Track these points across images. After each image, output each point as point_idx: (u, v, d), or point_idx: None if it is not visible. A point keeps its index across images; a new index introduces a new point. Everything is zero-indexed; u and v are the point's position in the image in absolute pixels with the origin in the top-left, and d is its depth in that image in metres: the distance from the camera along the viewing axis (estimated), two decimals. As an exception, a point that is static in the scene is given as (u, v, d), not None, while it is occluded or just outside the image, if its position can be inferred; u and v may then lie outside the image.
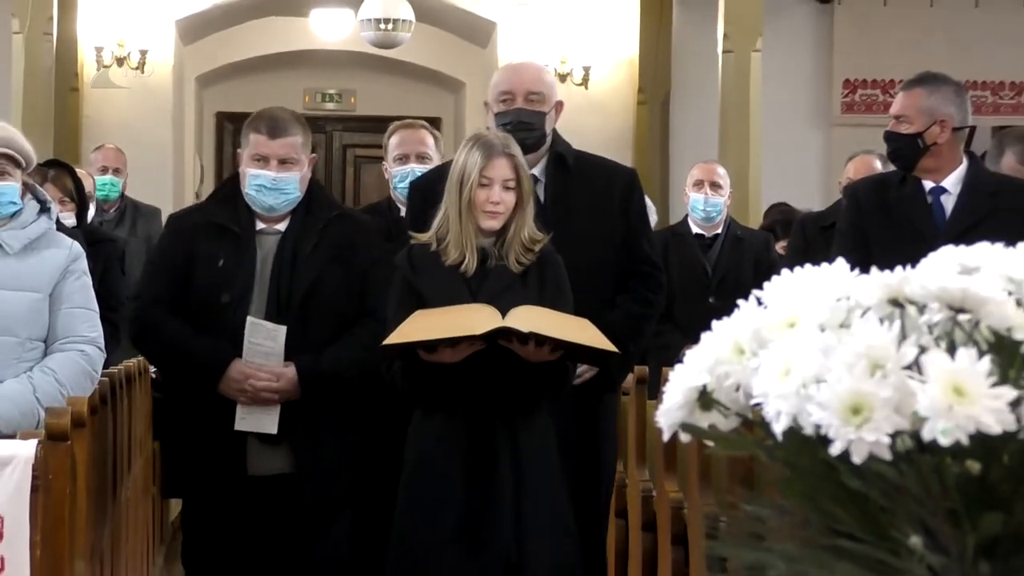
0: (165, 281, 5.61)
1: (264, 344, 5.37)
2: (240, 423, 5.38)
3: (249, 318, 5.38)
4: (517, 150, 5.55)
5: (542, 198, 6.05)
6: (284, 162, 5.47)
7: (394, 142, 7.32)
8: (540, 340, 5.09)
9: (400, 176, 7.11)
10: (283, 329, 5.39)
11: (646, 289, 6.31)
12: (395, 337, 5.01)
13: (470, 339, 5.02)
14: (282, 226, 5.53)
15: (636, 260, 6.32)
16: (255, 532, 5.52)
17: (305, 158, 5.67)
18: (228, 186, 5.72)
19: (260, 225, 5.52)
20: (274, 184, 5.41)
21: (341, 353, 5.50)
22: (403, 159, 7.19)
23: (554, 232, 5.78)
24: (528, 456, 5.27)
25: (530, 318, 5.07)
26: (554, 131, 6.30)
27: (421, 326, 4.99)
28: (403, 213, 7.00)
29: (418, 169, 7.13)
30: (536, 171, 6.00)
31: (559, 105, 6.30)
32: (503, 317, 5.09)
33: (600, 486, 6.52)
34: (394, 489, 6.12)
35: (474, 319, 5.02)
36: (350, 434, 5.66)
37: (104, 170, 10.21)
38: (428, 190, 6.15)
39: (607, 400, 6.52)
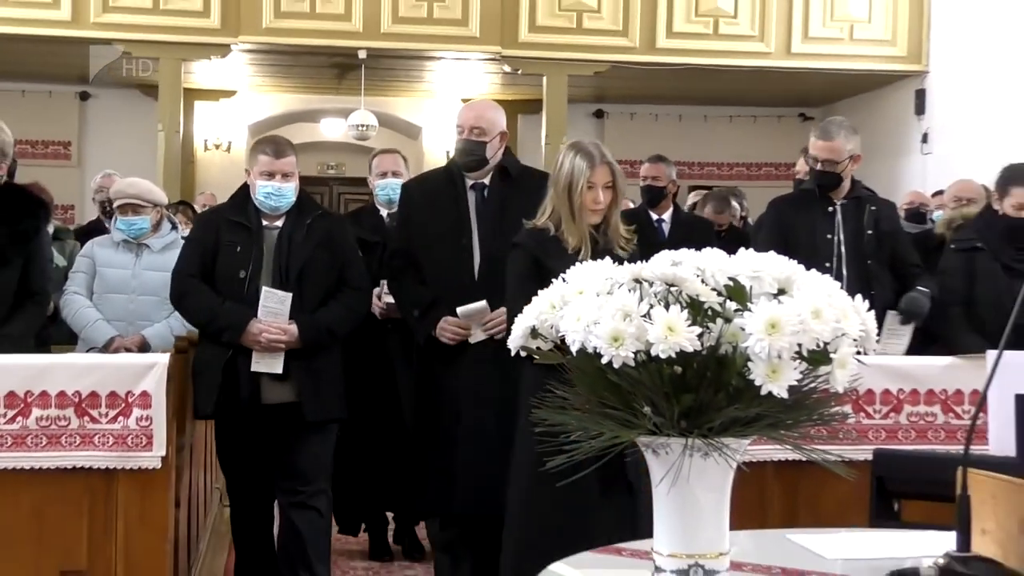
0: (197, 259, 4.99)
1: (275, 307, 4.86)
2: (255, 365, 4.84)
3: (265, 288, 4.86)
4: (610, 155, 4.39)
5: (485, 199, 4.98)
6: (285, 175, 4.94)
7: (376, 163, 6.45)
8: None
9: (381, 187, 6.29)
10: (290, 296, 4.86)
11: None
12: None
13: None
14: (279, 223, 4.97)
15: None
16: (268, 444, 4.99)
17: (297, 171, 5.05)
18: (240, 194, 5.11)
19: (264, 222, 4.98)
20: (278, 192, 4.92)
21: (331, 313, 4.92)
22: (383, 175, 6.29)
23: (493, 223, 4.88)
24: None
25: None
26: (507, 150, 5.14)
27: None
28: (383, 214, 6.22)
29: (394, 182, 6.16)
30: (486, 180, 4.99)
31: (503, 135, 5.05)
32: None
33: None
34: (371, 417, 5.63)
35: None
36: (338, 373, 5.01)
37: (205, 206, 10.13)
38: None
39: None
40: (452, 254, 4.86)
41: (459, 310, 4.70)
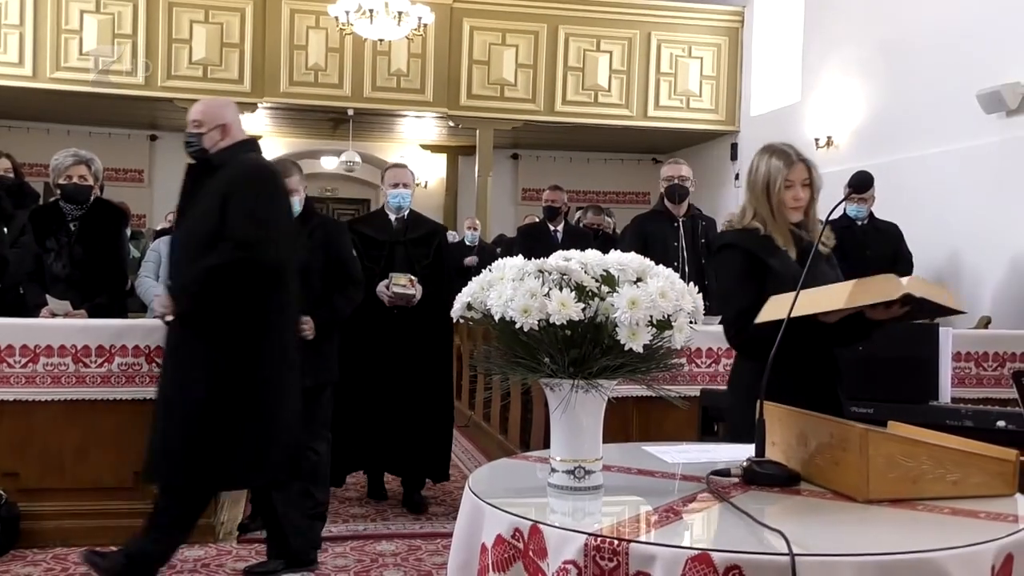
0: None
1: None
2: None
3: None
4: (806, 154, 2.97)
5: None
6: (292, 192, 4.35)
7: (389, 175, 5.31)
8: (907, 301, 2.39)
9: (392, 195, 5.20)
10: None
11: (219, 250, 3.51)
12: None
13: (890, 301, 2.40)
14: None
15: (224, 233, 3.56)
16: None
17: (303, 188, 4.51)
18: None
19: None
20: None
21: (336, 304, 4.43)
22: (395, 185, 5.18)
23: (184, 209, 3.82)
24: None
25: (917, 286, 2.37)
26: (245, 143, 3.84)
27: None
28: (392, 218, 5.25)
29: (404, 192, 5.23)
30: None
31: (223, 127, 3.77)
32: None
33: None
34: (356, 380, 4.97)
35: (891, 287, 2.37)
36: (333, 347, 4.49)
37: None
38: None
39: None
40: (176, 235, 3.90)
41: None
